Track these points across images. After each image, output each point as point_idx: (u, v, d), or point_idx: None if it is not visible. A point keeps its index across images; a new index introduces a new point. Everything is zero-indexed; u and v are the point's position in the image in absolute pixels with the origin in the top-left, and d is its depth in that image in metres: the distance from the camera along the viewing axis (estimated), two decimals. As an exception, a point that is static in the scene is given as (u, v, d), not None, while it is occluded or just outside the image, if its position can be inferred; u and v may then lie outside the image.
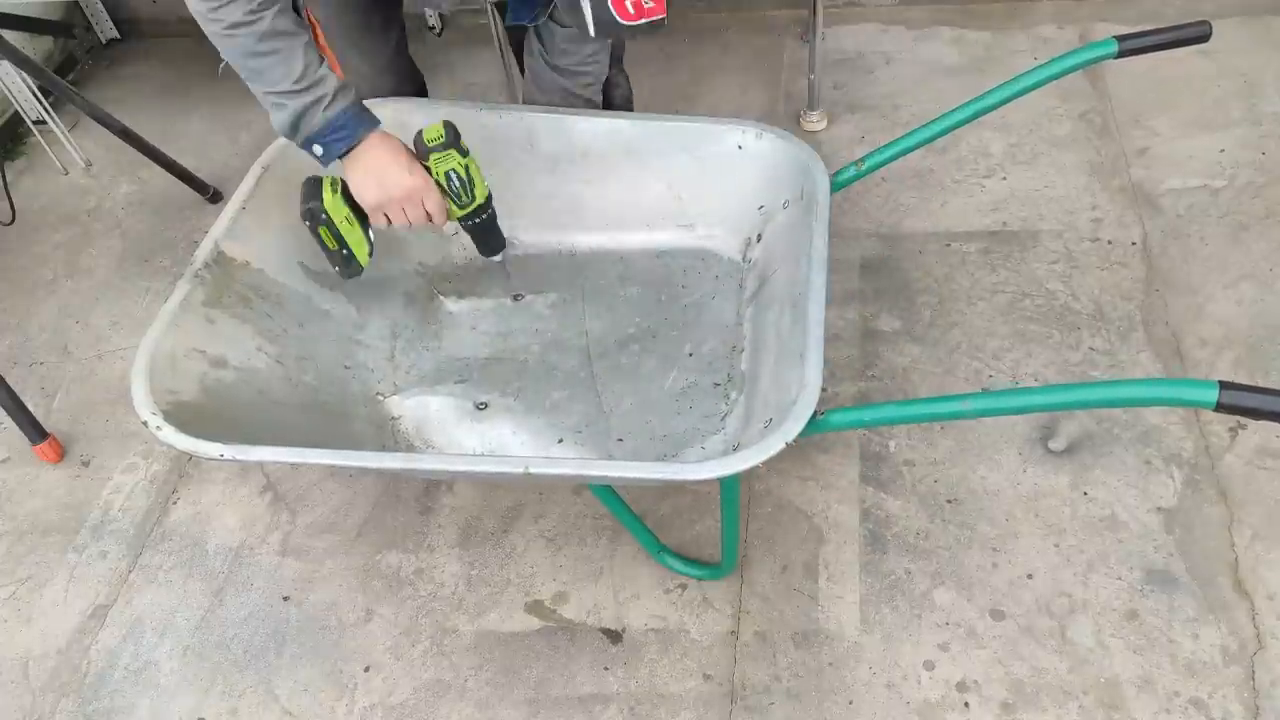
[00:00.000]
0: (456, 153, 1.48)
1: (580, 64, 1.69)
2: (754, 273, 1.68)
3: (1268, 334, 1.85)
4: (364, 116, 1.44)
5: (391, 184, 1.45)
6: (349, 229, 1.50)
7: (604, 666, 1.56)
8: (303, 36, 1.38)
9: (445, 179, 1.48)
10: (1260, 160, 2.17)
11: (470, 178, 1.50)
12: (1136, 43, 1.41)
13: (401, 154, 1.45)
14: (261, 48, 1.35)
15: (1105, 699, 1.46)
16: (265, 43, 1.34)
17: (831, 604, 1.59)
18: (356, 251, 1.52)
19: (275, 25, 1.34)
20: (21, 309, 2.24)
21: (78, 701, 1.61)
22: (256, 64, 1.36)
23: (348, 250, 1.51)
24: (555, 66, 1.69)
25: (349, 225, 1.50)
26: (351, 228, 1.50)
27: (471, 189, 1.51)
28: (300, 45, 1.37)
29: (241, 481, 1.87)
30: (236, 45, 1.35)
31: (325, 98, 1.39)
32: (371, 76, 1.80)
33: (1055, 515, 1.66)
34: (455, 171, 1.48)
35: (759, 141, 1.63)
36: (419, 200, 1.47)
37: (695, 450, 1.53)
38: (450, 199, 1.50)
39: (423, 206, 1.47)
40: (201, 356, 1.46)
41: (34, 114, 2.50)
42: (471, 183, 1.51)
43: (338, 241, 1.50)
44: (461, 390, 1.65)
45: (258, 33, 1.33)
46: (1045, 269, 2.02)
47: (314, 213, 1.47)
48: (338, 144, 1.42)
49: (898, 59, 2.55)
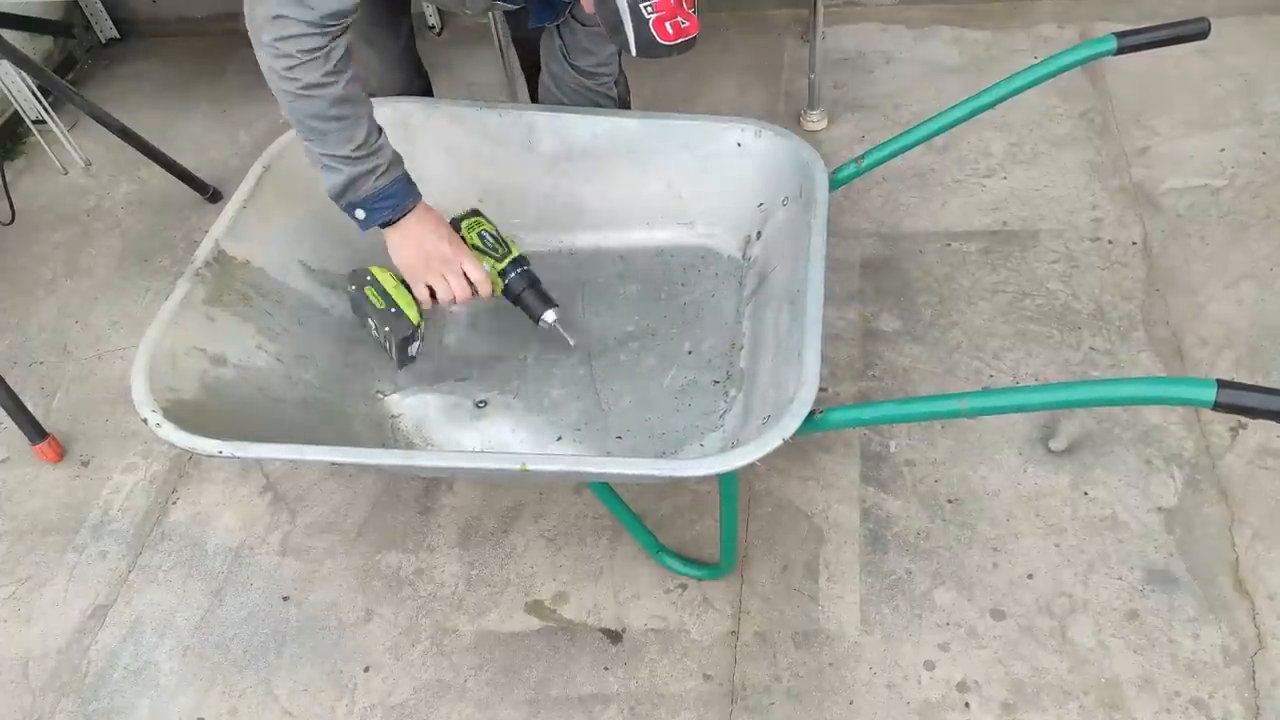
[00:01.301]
0: (484, 219, 1.61)
1: (600, 64, 1.69)
2: (753, 270, 1.68)
3: (1268, 334, 1.85)
4: (411, 189, 1.48)
5: (431, 249, 1.50)
6: (397, 289, 1.56)
7: (604, 666, 1.56)
8: (368, 106, 1.40)
9: (480, 239, 1.59)
10: (1261, 160, 2.17)
11: (501, 236, 1.60)
12: (1135, 40, 1.41)
13: (442, 226, 1.52)
14: (333, 112, 1.35)
15: (1106, 699, 1.46)
16: (336, 108, 1.35)
17: (832, 604, 1.59)
18: (406, 310, 1.56)
19: (348, 91, 1.35)
20: (21, 309, 2.24)
21: (78, 701, 1.61)
22: (323, 127, 1.36)
23: (396, 308, 1.55)
24: (577, 67, 1.68)
25: (396, 286, 1.56)
26: (399, 290, 1.56)
27: (506, 245, 1.60)
28: (366, 115, 1.39)
29: (241, 481, 1.86)
30: (309, 107, 1.34)
31: (380, 168, 1.42)
32: (382, 72, 1.81)
33: (1056, 515, 1.66)
34: (488, 232, 1.60)
35: (758, 139, 1.63)
36: (459, 267, 1.52)
37: (694, 447, 1.53)
38: (488, 256, 1.58)
39: (463, 274, 1.52)
40: (202, 354, 1.46)
41: (33, 114, 2.50)
42: (504, 240, 1.60)
43: (385, 300, 1.55)
44: (461, 388, 1.65)
45: (331, 97, 1.33)
46: (1046, 268, 2.01)
47: (360, 275, 1.56)
48: (382, 211, 1.46)
49: (898, 58, 2.55)
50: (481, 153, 1.75)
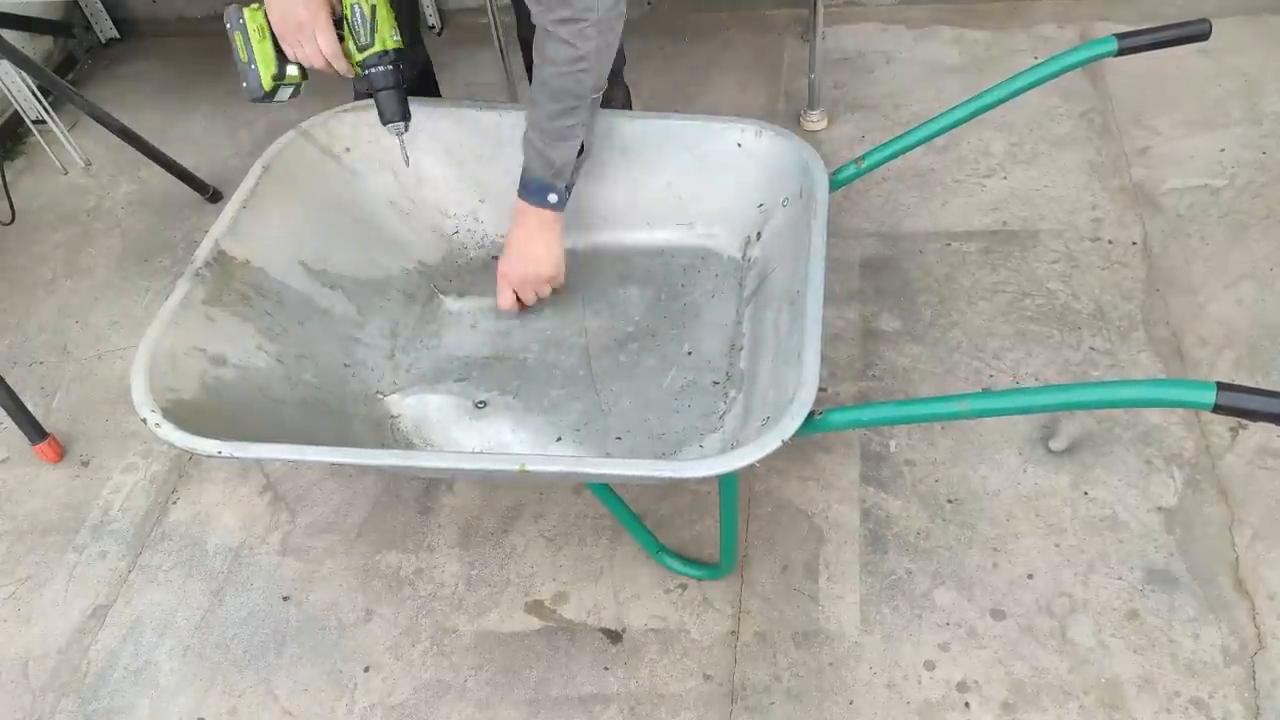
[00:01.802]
0: None
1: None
2: (753, 271, 1.68)
3: (1268, 334, 1.85)
4: None
5: (287, 11, 1.42)
6: (262, 42, 1.46)
7: (604, 666, 1.56)
8: None
9: (350, 11, 1.43)
10: (1261, 160, 2.17)
11: (374, 19, 1.42)
12: (1136, 41, 1.41)
13: None
14: None
15: (1106, 699, 1.46)
16: None
17: (832, 604, 1.59)
18: (262, 65, 1.46)
19: None
20: (21, 309, 2.24)
21: (78, 701, 1.61)
22: None
23: (255, 64, 1.46)
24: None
25: (263, 39, 1.46)
26: (264, 42, 1.46)
27: (373, 31, 1.43)
28: None
29: (241, 481, 1.86)
30: None
31: None
32: None
33: (1056, 515, 1.66)
34: (360, 7, 1.42)
35: (758, 140, 1.63)
36: (311, 34, 1.44)
37: (693, 448, 1.53)
38: (350, 36, 1.45)
39: (315, 43, 1.44)
40: (201, 355, 1.46)
41: (33, 114, 2.50)
42: (375, 24, 1.42)
43: (246, 51, 1.46)
44: (461, 389, 1.65)
45: None
46: (1046, 268, 2.01)
47: (233, 14, 1.45)
48: None
49: (898, 58, 2.55)
50: (482, 153, 1.75)
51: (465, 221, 1.83)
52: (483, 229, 1.83)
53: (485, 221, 1.83)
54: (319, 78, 1.53)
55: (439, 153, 1.75)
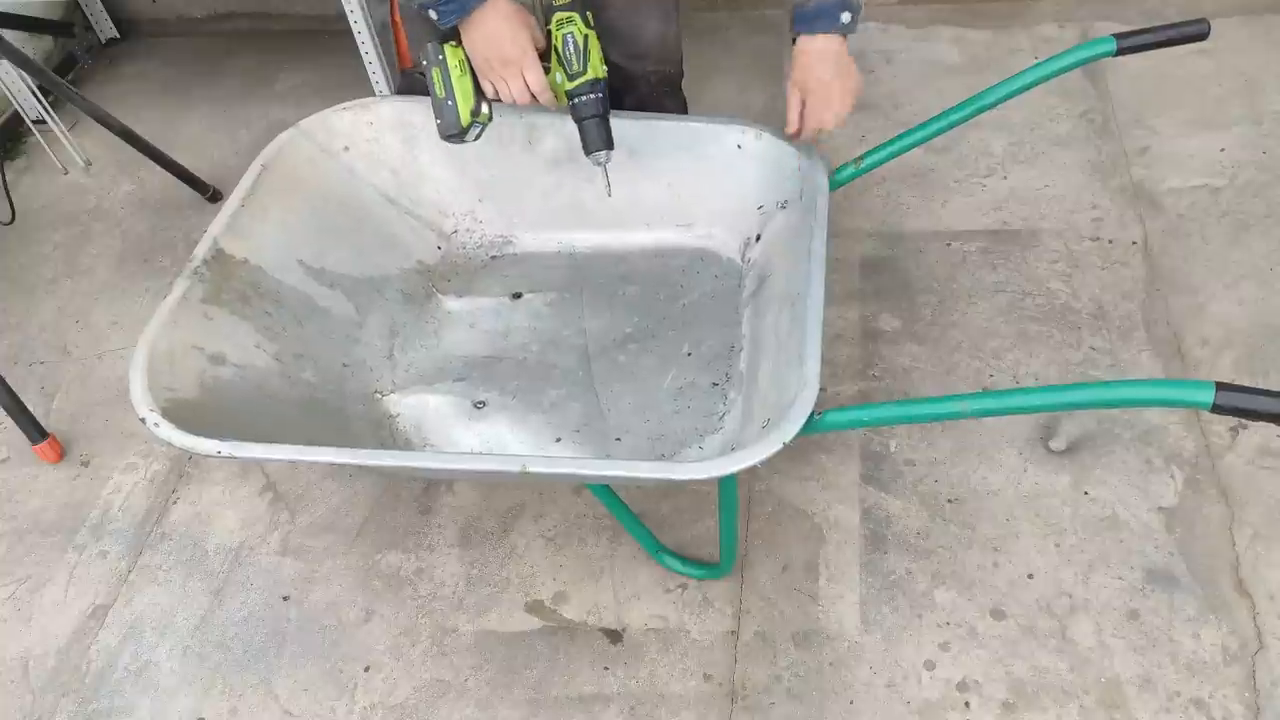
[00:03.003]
0: (580, 20, 1.44)
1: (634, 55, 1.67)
2: (753, 272, 1.68)
3: (1268, 334, 1.85)
4: None
5: (494, 50, 1.43)
6: (461, 79, 1.46)
7: (604, 666, 1.56)
8: None
9: (561, 42, 1.44)
10: (1261, 159, 2.17)
11: (587, 49, 1.45)
12: (1135, 41, 1.41)
13: (516, 24, 1.43)
14: None
15: (1106, 699, 1.46)
16: None
17: (832, 604, 1.59)
18: (461, 102, 1.46)
19: None
20: (21, 309, 2.24)
21: (78, 701, 1.61)
22: None
23: (453, 100, 1.46)
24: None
25: (461, 75, 1.46)
26: (463, 79, 1.46)
27: (585, 60, 1.45)
28: None
29: (241, 481, 1.86)
30: None
31: None
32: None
33: (1056, 515, 1.66)
34: (573, 37, 1.43)
35: (758, 141, 1.63)
36: (517, 72, 1.44)
37: (693, 450, 1.53)
38: (561, 66, 1.45)
39: (522, 79, 1.45)
40: (200, 354, 1.46)
41: (34, 113, 2.50)
42: (587, 54, 1.45)
43: (445, 88, 1.46)
44: (460, 389, 1.65)
45: None
46: (1046, 268, 2.01)
47: (432, 52, 1.45)
48: (450, 15, 1.41)
49: (898, 58, 2.55)
50: (482, 153, 1.75)
51: (464, 221, 1.83)
52: (482, 229, 1.83)
53: (485, 221, 1.83)
54: (325, 80, 1.53)
55: (439, 152, 1.75)
